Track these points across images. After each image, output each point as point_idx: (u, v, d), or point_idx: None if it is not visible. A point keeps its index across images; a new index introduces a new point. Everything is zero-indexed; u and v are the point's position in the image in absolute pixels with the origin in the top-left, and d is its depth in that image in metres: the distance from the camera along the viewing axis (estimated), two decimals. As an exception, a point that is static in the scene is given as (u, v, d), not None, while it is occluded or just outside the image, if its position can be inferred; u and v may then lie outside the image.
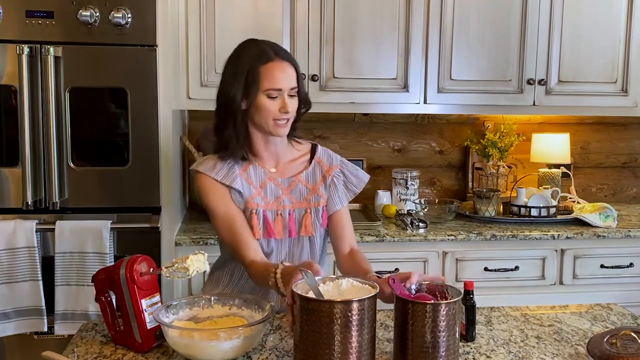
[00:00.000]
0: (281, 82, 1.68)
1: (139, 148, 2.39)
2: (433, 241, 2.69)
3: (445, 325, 1.32)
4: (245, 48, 1.74)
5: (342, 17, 2.83)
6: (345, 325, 1.27)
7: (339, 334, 1.27)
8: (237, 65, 1.71)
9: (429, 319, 1.31)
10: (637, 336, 1.40)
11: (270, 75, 1.67)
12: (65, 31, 2.31)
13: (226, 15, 2.76)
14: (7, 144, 2.34)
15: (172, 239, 2.49)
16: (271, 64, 1.68)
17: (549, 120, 3.42)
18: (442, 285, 1.44)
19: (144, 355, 1.48)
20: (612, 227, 2.84)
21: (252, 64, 1.68)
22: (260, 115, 1.70)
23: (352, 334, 1.28)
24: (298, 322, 1.33)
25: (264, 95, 1.68)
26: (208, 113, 3.02)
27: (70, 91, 2.34)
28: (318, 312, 1.28)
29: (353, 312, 1.27)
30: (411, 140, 3.38)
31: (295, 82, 1.72)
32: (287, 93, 1.70)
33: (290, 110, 1.70)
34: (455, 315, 1.34)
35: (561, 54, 3.00)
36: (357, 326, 1.28)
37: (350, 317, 1.27)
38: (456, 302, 1.35)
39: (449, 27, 2.91)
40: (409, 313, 1.33)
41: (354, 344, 1.28)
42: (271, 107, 1.69)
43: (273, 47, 1.72)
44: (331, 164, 1.87)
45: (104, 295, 1.55)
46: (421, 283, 1.45)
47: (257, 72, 1.67)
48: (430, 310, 1.31)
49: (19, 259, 2.32)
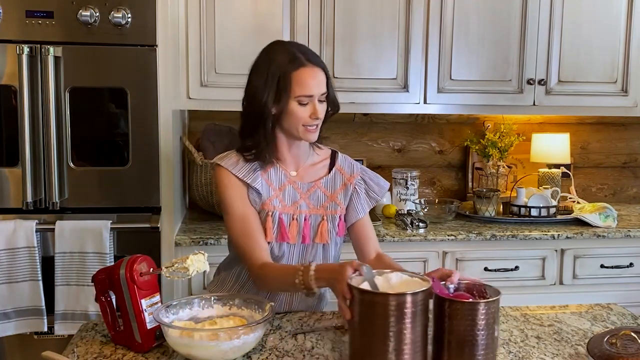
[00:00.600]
0: (312, 88, 1.67)
1: (139, 148, 2.39)
2: (433, 241, 2.69)
3: (485, 324, 1.32)
4: (275, 52, 1.71)
5: (342, 17, 2.83)
6: (405, 317, 1.27)
7: (402, 326, 1.28)
8: (267, 70, 1.68)
9: (468, 317, 1.32)
10: (637, 336, 1.40)
11: (302, 82, 1.65)
12: (65, 31, 2.31)
13: (226, 15, 2.76)
14: (7, 144, 2.34)
15: (172, 239, 2.49)
16: (302, 70, 1.66)
17: (549, 120, 3.42)
18: (479, 284, 1.45)
19: (144, 355, 1.48)
20: (612, 227, 2.84)
21: (283, 70, 1.66)
22: (290, 121, 1.69)
23: (410, 326, 1.28)
24: (357, 315, 1.32)
25: (294, 102, 1.67)
26: (208, 113, 3.05)
27: (70, 91, 2.34)
28: (383, 305, 1.28)
29: (415, 304, 1.28)
30: (411, 140, 3.38)
31: (325, 87, 1.71)
32: (317, 99, 1.69)
33: (320, 116, 1.70)
34: (494, 314, 1.34)
35: (561, 54, 3.00)
36: (413, 319, 1.28)
37: (413, 309, 1.28)
38: (495, 301, 1.35)
39: (449, 27, 2.91)
40: (449, 311, 1.34)
41: (412, 337, 1.29)
42: (302, 114, 1.68)
43: (303, 52, 1.70)
44: (352, 172, 1.87)
45: (104, 295, 1.55)
46: (459, 282, 1.46)
47: (289, 78, 1.65)
48: (470, 308, 1.32)
49: (19, 259, 2.32)
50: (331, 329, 1.62)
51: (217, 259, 2.48)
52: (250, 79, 1.73)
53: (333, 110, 1.78)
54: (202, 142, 2.93)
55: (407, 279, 1.42)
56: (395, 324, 1.27)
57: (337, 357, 1.46)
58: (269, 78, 1.67)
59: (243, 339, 1.41)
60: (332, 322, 1.67)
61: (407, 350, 1.29)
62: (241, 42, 2.77)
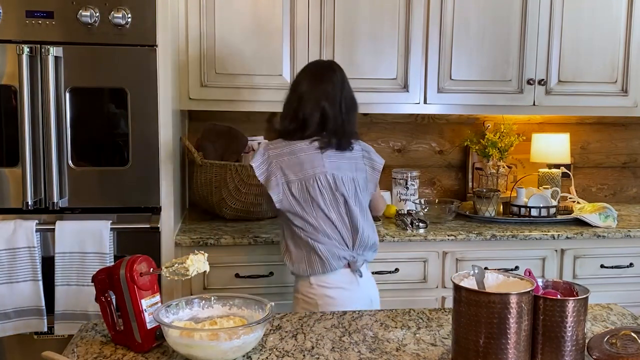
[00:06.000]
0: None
1: (139, 148, 2.39)
2: (433, 241, 2.69)
3: (573, 321, 1.34)
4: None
5: (342, 17, 2.83)
6: (513, 316, 1.30)
7: (507, 325, 1.30)
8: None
9: (558, 314, 1.34)
10: (637, 336, 1.40)
11: None
12: (65, 31, 2.31)
13: (226, 15, 2.76)
14: (7, 144, 2.34)
15: (172, 239, 2.49)
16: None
17: (549, 120, 3.42)
18: (566, 282, 1.48)
19: (144, 355, 1.48)
20: (612, 227, 2.84)
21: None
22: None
23: (518, 326, 1.31)
24: (463, 315, 1.35)
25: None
26: (208, 113, 3.05)
27: (70, 91, 2.34)
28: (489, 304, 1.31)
29: (522, 304, 1.31)
30: (411, 140, 3.38)
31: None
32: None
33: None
34: (583, 311, 1.36)
35: (561, 54, 3.00)
36: (520, 318, 1.31)
37: (518, 310, 1.30)
38: (584, 298, 1.37)
39: (449, 27, 2.91)
40: (539, 308, 1.36)
41: (516, 335, 1.31)
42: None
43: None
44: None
45: (104, 295, 1.55)
46: (547, 280, 1.49)
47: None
48: (560, 305, 1.34)
49: (19, 259, 2.32)
50: (331, 329, 1.63)
51: (217, 259, 2.50)
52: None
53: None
54: (202, 142, 2.93)
55: (502, 278, 1.45)
56: (501, 323, 1.30)
57: (337, 357, 1.46)
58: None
59: (243, 339, 1.41)
60: (332, 321, 1.67)
61: (512, 347, 1.32)
62: (241, 42, 2.77)
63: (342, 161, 2.14)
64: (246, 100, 2.80)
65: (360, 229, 2.12)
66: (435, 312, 1.77)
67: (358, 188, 2.15)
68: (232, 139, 2.90)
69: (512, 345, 1.31)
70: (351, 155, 2.17)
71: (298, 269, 2.11)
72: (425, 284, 2.72)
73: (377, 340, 1.56)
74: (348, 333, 1.61)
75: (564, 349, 1.35)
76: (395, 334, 1.61)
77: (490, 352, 1.31)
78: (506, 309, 1.30)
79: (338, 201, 2.11)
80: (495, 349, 1.31)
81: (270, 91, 2.80)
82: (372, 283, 2.23)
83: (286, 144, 2.13)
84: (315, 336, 1.59)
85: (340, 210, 2.11)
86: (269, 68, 2.81)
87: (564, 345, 1.35)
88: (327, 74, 2.19)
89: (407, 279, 2.70)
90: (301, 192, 2.08)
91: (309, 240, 2.08)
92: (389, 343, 1.55)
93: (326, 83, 2.15)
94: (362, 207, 2.16)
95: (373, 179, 2.23)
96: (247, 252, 2.57)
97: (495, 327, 1.30)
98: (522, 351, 1.32)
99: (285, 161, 2.09)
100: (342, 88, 2.18)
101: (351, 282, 2.13)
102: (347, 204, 2.11)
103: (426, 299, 2.70)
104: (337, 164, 2.13)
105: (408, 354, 1.48)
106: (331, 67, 2.22)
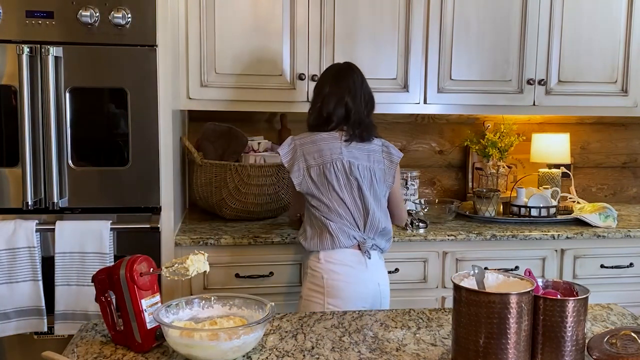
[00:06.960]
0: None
1: (139, 148, 2.39)
2: (433, 241, 2.69)
3: (573, 321, 1.34)
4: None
5: (342, 17, 2.83)
6: (513, 316, 1.30)
7: (507, 325, 1.30)
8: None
9: (558, 314, 1.34)
10: (637, 336, 1.40)
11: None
12: (65, 31, 2.31)
13: (226, 15, 2.76)
14: (7, 144, 2.34)
15: (172, 239, 2.49)
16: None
17: (549, 120, 3.42)
18: (566, 282, 1.48)
19: (144, 355, 1.48)
20: (612, 227, 2.84)
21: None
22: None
23: (518, 326, 1.31)
24: (463, 315, 1.35)
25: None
26: (208, 113, 3.05)
27: (70, 91, 2.34)
28: (489, 304, 1.31)
29: (522, 304, 1.31)
30: (411, 140, 3.38)
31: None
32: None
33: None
34: (583, 311, 1.36)
35: (561, 54, 3.00)
36: (520, 318, 1.31)
37: (518, 310, 1.31)
38: (584, 298, 1.37)
39: (449, 27, 2.91)
40: (539, 308, 1.36)
41: (516, 335, 1.31)
42: None
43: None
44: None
45: (104, 295, 1.55)
46: (547, 280, 1.50)
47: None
48: (560, 305, 1.34)
49: (19, 259, 2.32)
50: (331, 328, 1.63)
51: (217, 259, 2.50)
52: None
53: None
54: (202, 142, 2.93)
55: (502, 278, 1.45)
56: (501, 323, 1.30)
57: (337, 357, 1.46)
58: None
59: (243, 339, 1.41)
60: (332, 321, 1.67)
61: (512, 347, 1.32)
62: (241, 42, 2.77)
63: (361, 152, 2.28)
64: (246, 100, 2.81)
65: (371, 212, 2.24)
66: (435, 312, 1.77)
67: (374, 177, 2.28)
68: (232, 139, 2.90)
69: (512, 345, 1.31)
70: (370, 148, 2.31)
71: (310, 244, 2.24)
72: (425, 284, 2.72)
73: (377, 340, 1.56)
74: (348, 333, 1.61)
75: (564, 349, 1.35)
76: (395, 334, 1.61)
77: (490, 352, 1.31)
78: (506, 309, 1.30)
79: (352, 185, 2.24)
80: (495, 349, 1.31)
81: (270, 91, 2.81)
82: (382, 268, 2.30)
83: (310, 134, 2.31)
84: (315, 336, 1.59)
85: (353, 194, 2.24)
86: (269, 68, 2.81)
87: (564, 345, 1.35)
88: (348, 73, 2.34)
89: (407, 279, 2.70)
90: (319, 176, 2.23)
91: (322, 218, 2.22)
92: (389, 343, 1.55)
93: (348, 80, 2.32)
94: (376, 196, 2.28)
95: (391, 171, 2.34)
96: (247, 252, 2.57)
97: (495, 327, 1.30)
98: (522, 351, 1.32)
99: (307, 148, 2.26)
100: (362, 85, 2.34)
101: (359, 263, 2.21)
102: (361, 189, 2.24)
103: (426, 299, 2.70)
104: (355, 154, 2.27)
105: (408, 354, 1.48)
106: (350, 68, 2.38)
